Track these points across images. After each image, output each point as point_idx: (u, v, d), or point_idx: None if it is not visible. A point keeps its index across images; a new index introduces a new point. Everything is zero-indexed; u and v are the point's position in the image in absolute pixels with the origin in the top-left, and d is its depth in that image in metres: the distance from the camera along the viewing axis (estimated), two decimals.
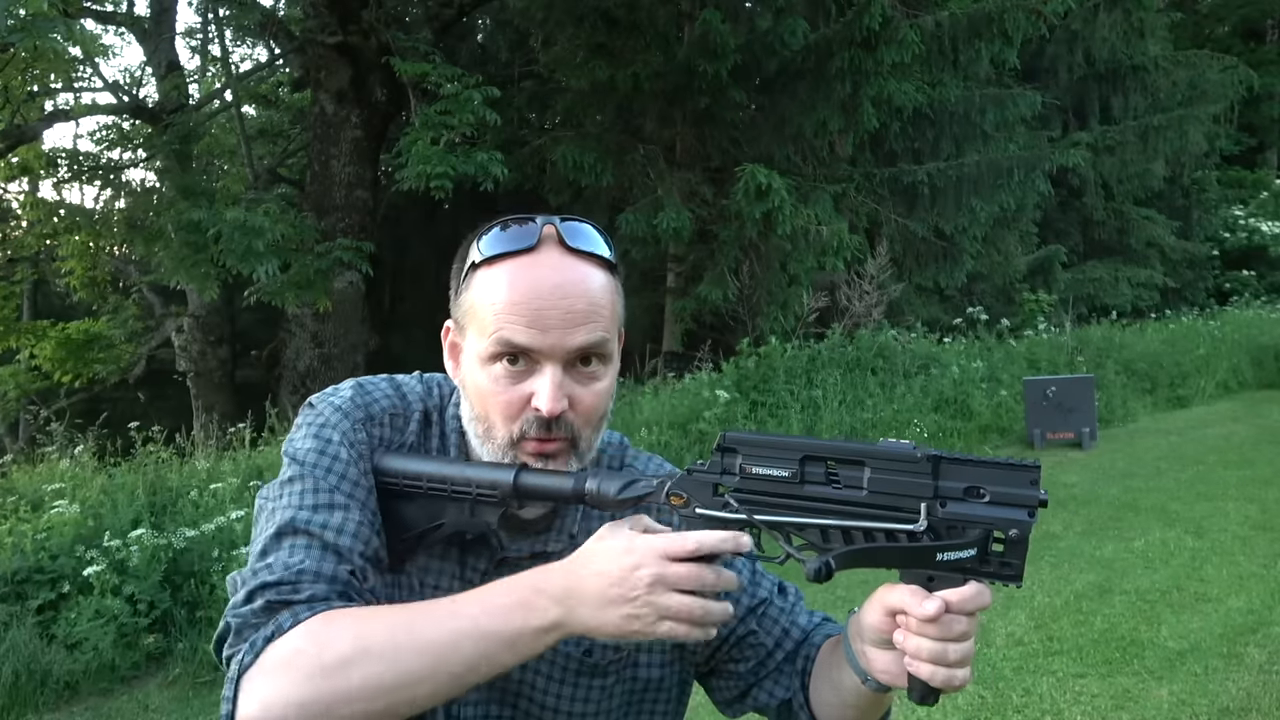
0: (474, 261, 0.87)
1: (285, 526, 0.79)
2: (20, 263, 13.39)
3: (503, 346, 0.81)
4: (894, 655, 0.79)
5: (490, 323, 0.82)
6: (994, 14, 9.02)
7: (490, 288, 0.83)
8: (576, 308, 0.81)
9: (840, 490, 0.76)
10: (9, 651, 3.79)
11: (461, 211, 17.41)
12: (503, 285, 0.82)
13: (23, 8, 5.38)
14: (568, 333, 0.81)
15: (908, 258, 10.95)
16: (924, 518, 0.73)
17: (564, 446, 0.84)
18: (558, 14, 9.21)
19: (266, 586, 0.75)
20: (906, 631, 0.77)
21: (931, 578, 0.75)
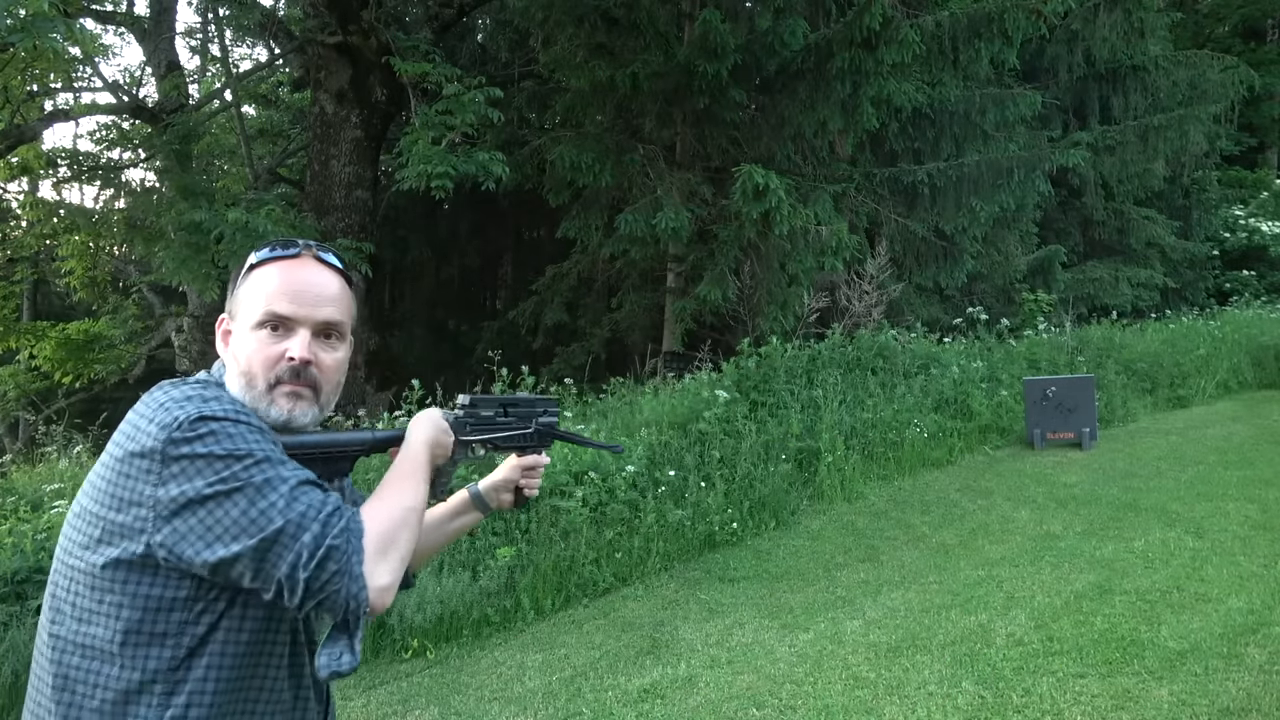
0: (251, 264, 1.20)
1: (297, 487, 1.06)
2: (20, 263, 13.41)
3: (269, 317, 1.16)
4: (508, 493, 1.54)
5: (261, 302, 1.16)
6: (994, 14, 9.02)
7: (263, 279, 1.18)
8: (324, 294, 1.20)
9: (508, 419, 1.46)
10: (9, 651, 3.80)
11: (461, 211, 17.45)
12: (274, 276, 1.18)
13: (23, 8, 5.38)
14: (316, 309, 1.18)
15: (908, 258, 10.95)
16: (534, 428, 1.49)
17: (310, 394, 1.19)
18: (558, 14, 9.20)
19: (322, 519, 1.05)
20: (534, 473, 1.53)
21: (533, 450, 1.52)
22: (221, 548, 1.01)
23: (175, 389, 1.12)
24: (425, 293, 19.28)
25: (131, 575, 1.04)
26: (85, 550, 1.06)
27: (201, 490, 1.02)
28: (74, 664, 1.06)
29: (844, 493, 6.40)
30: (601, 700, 3.53)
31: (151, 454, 1.03)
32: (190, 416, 1.05)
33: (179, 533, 1.02)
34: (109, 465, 1.07)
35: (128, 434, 1.07)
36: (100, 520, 1.05)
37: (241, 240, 7.41)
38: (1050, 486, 6.40)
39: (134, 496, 1.03)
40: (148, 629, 1.04)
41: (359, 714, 3.63)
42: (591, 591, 4.83)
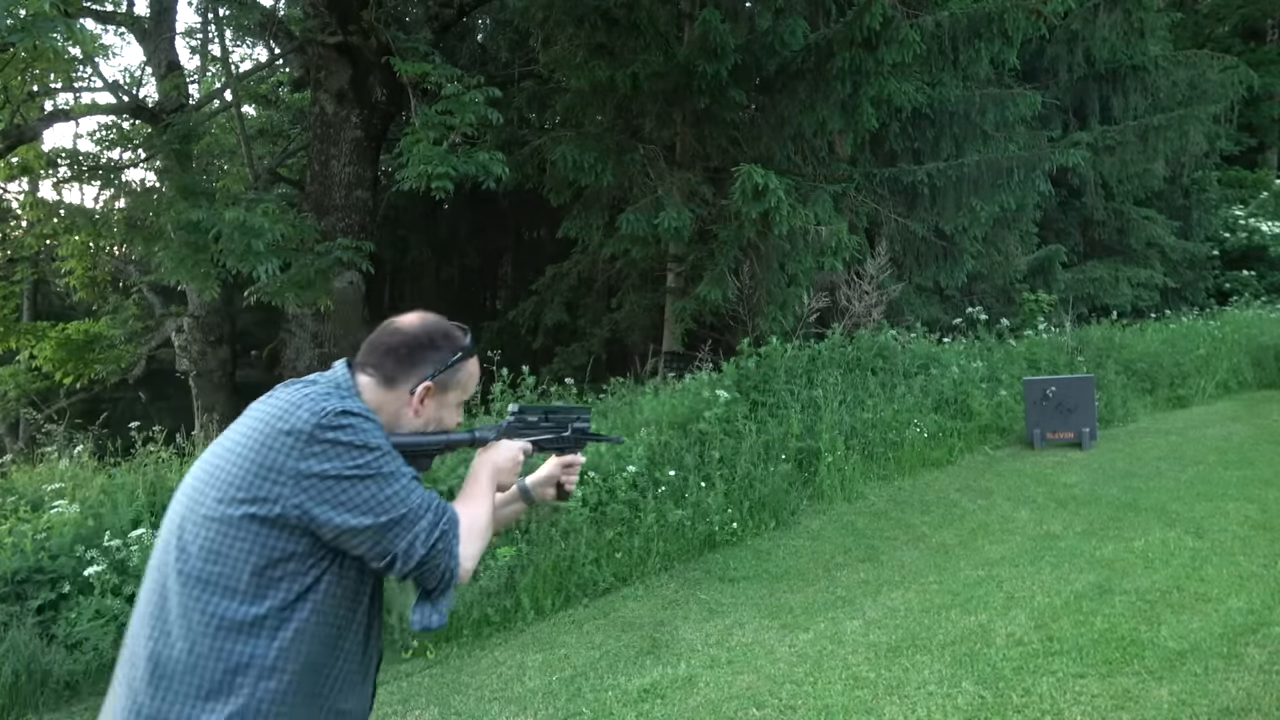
0: (464, 352, 1.54)
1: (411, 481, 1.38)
2: (20, 263, 13.40)
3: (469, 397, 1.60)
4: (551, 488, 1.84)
5: (468, 387, 1.57)
6: (994, 14, 9.02)
7: (469, 371, 1.57)
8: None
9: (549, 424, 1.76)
10: (9, 651, 3.80)
11: (461, 211, 17.45)
12: (473, 370, 1.58)
13: (23, 8, 5.38)
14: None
15: (908, 258, 10.95)
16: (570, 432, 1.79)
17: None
18: (558, 14, 9.20)
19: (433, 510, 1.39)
20: (571, 470, 1.83)
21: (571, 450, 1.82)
22: (352, 518, 1.30)
23: (319, 386, 1.40)
24: (425, 293, 19.28)
25: (263, 529, 1.29)
26: (220, 504, 1.30)
27: (341, 470, 1.29)
28: (195, 595, 1.29)
29: (844, 493, 6.40)
30: (601, 700, 3.53)
31: (299, 434, 1.30)
32: (336, 410, 1.33)
33: (315, 500, 1.29)
34: (253, 437, 1.32)
35: (277, 415, 1.33)
36: (241, 480, 1.30)
37: (240, 239, 7.40)
38: (1050, 486, 6.40)
39: (276, 465, 1.29)
40: (268, 573, 1.30)
41: None
42: (591, 591, 4.83)
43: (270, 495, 1.28)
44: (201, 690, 1.26)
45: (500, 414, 6.22)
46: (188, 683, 1.27)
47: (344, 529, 1.30)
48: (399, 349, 1.48)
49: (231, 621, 1.28)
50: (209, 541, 1.30)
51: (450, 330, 1.54)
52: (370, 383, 1.47)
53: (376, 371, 1.47)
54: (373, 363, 1.48)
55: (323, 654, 1.35)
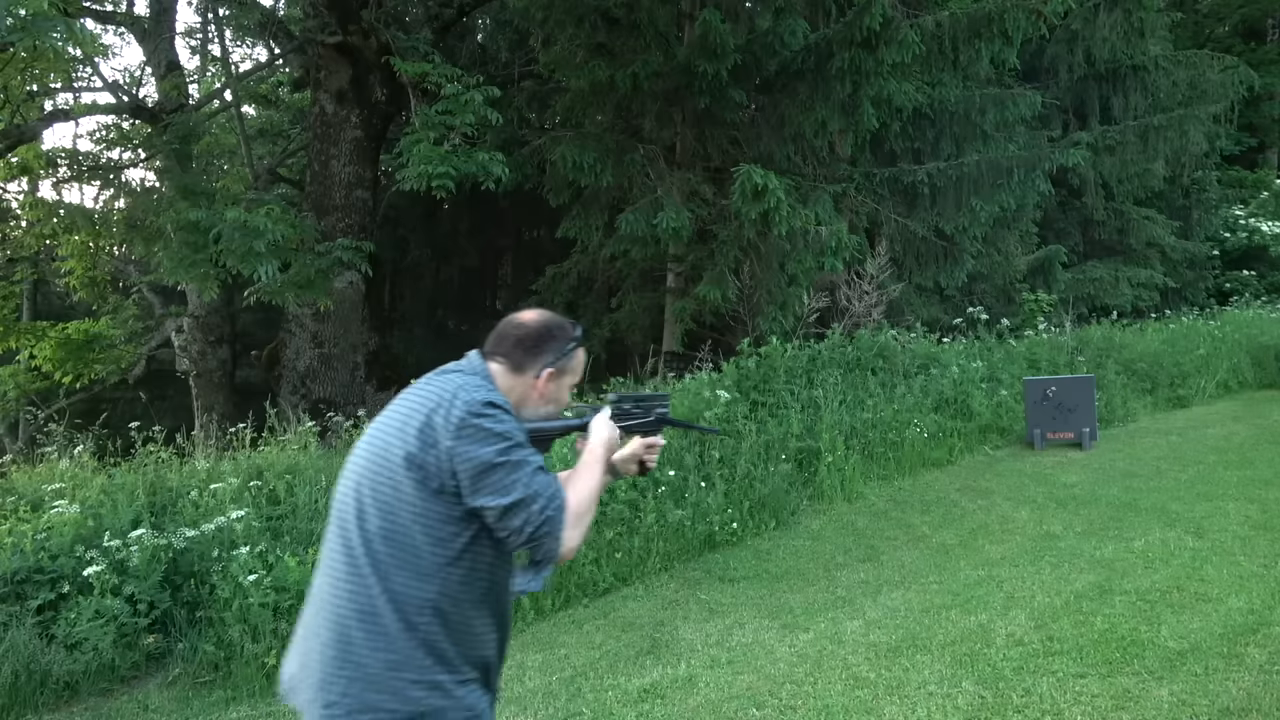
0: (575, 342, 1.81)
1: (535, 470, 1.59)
2: (20, 263, 13.39)
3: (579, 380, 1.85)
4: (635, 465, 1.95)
5: (578, 371, 1.83)
6: (994, 14, 9.02)
7: (580, 356, 1.83)
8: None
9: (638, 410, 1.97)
10: (9, 651, 3.79)
11: (461, 211, 17.45)
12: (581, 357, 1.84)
13: (23, 7, 5.38)
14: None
15: (908, 258, 10.95)
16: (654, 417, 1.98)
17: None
18: (558, 14, 9.21)
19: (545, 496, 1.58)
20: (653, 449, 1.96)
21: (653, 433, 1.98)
22: (484, 498, 1.56)
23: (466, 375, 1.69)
24: (425, 293, 19.29)
25: (428, 493, 1.56)
26: (395, 470, 1.58)
27: (479, 454, 1.55)
28: (378, 547, 1.57)
29: (844, 493, 6.40)
30: (601, 700, 3.53)
31: (454, 418, 1.57)
32: (484, 400, 1.60)
33: (459, 476, 1.56)
34: (418, 414, 1.61)
35: (436, 399, 1.61)
36: (410, 452, 1.57)
37: (240, 239, 7.40)
38: (1050, 486, 6.40)
39: (434, 439, 1.56)
40: (435, 531, 1.57)
41: None
42: (591, 591, 4.82)
43: (431, 465, 1.56)
44: (395, 623, 1.55)
45: None
46: (381, 620, 1.55)
47: (480, 506, 1.57)
48: (525, 340, 1.75)
49: (414, 571, 1.57)
50: (385, 507, 1.58)
51: (565, 324, 1.81)
52: (501, 369, 1.73)
53: (506, 360, 1.74)
54: (502, 352, 1.75)
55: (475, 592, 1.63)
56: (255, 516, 4.55)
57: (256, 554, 4.23)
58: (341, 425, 6.32)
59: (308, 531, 4.66)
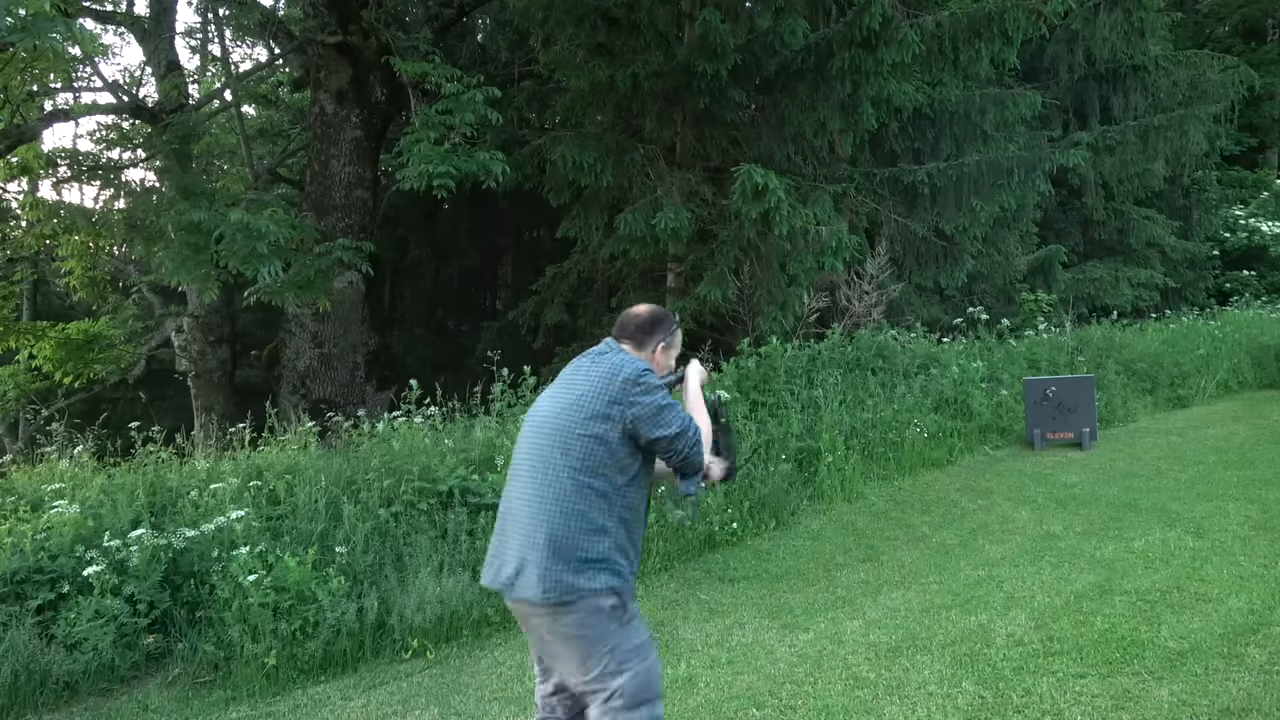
0: (675, 324, 2.62)
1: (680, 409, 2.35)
2: (20, 263, 13.38)
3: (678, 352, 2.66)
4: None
5: (678, 345, 2.63)
6: (994, 14, 9.01)
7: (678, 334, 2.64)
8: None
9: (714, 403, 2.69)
10: (9, 651, 3.79)
11: (461, 211, 17.45)
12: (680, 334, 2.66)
13: (23, 7, 5.37)
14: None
15: (908, 258, 10.95)
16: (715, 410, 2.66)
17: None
18: (558, 14, 9.20)
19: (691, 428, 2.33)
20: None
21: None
22: (658, 431, 2.28)
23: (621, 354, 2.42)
24: (425, 293, 19.28)
25: (612, 437, 2.27)
26: (589, 420, 2.28)
27: (650, 402, 2.29)
28: (581, 478, 2.25)
29: (844, 493, 6.40)
30: None
31: (628, 379, 2.30)
32: (642, 368, 2.35)
33: (640, 420, 2.27)
34: (603, 380, 2.32)
35: (614, 368, 2.33)
36: (599, 407, 2.28)
37: (242, 241, 7.40)
38: (1050, 486, 6.40)
39: (616, 397, 2.28)
40: (616, 463, 2.28)
41: (359, 714, 3.63)
42: None
43: (616, 415, 2.27)
44: (585, 531, 2.23)
45: (500, 413, 6.26)
46: (577, 529, 2.23)
47: (653, 438, 2.29)
48: (642, 326, 2.55)
49: (600, 491, 2.26)
50: (584, 444, 2.27)
51: (666, 313, 2.62)
52: (630, 347, 2.51)
53: (631, 341, 2.53)
54: (627, 335, 2.54)
55: (638, 506, 2.36)
56: (255, 516, 4.55)
57: (256, 554, 4.23)
58: (341, 425, 6.31)
59: (307, 531, 4.66)
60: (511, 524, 2.30)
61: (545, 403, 2.40)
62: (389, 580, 4.46)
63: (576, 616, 2.20)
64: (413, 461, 5.15)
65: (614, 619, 2.23)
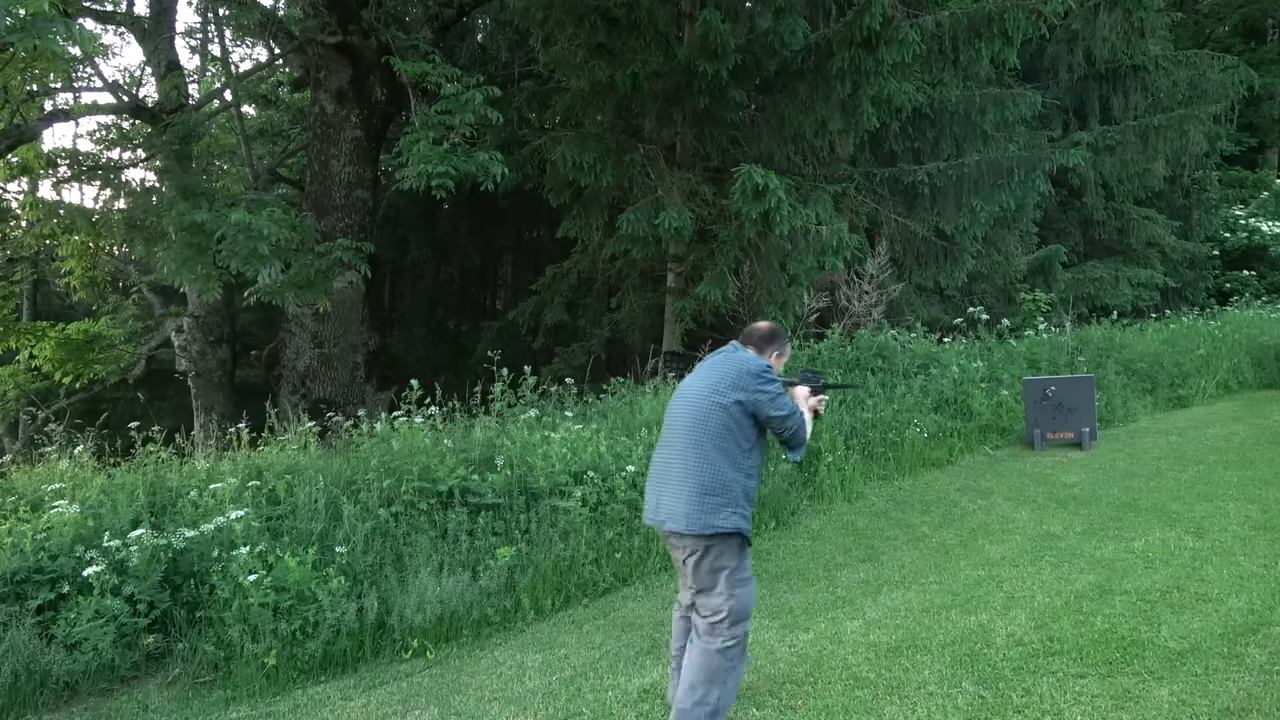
0: (788, 338, 3.36)
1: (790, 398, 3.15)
2: (20, 263, 13.39)
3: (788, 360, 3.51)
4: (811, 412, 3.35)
5: (788, 354, 3.36)
6: (994, 14, 9.02)
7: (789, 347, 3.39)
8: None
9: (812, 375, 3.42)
10: (9, 651, 3.79)
11: (461, 211, 17.45)
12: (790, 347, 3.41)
13: (23, 7, 5.37)
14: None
15: (908, 258, 10.95)
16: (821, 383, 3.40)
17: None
18: (558, 14, 9.20)
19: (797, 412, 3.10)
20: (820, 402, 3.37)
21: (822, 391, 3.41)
22: (774, 411, 3.00)
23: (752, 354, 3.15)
24: (425, 293, 19.28)
25: (742, 415, 2.99)
26: (722, 400, 2.97)
27: (770, 389, 3.01)
28: (717, 444, 2.96)
29: (844, 493, 6.40)
30: (601, 700, 3.53)
31: (754, 371, 3.03)
32: (765, 365, 3.09)
33: (760, 403, 2.99)
34: (735, 371, 3.03)
35: (743, 362, 3.06)
36: (730, 391, 2.98)
37: (244, 241, 7.39)
38: (1050, 486, 6.40)
39: (745, 385, 2.99)
40: (742, 434, 2.99)
41: (359, 714, 3.63)
42: (591, 591, 4.83)
43: (743, 398, 2.98)
44: (720, 484, 2.93)
45: (500, 413, 6.25)
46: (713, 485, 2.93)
47: (770, 416, 3.01)
48: (765, 337, 3.25)
49: (731, 456, 2.97)
50: (719, 418, 2.97)
51: (782, 330, 3.32)
52: (753, 350, 3.22)
53: (754, 347, 3.23)
54: (752, 342, 3.25)
55: (757, 468, 3.06)
56: (255, 516, 4.55)
57: (256, 554, 4.23)
58: (341, 425, 6.31)
59: (307, 531, 4.66)
60: (665, 476, 3.03)
61: (689, 386, 3.12)
62: (389, 580, 4.46)
63: (713, 548, 2.94)
64: (413, 461, 5.15)
65: (738, 553, 2.98)
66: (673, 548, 3.07)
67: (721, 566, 2.95)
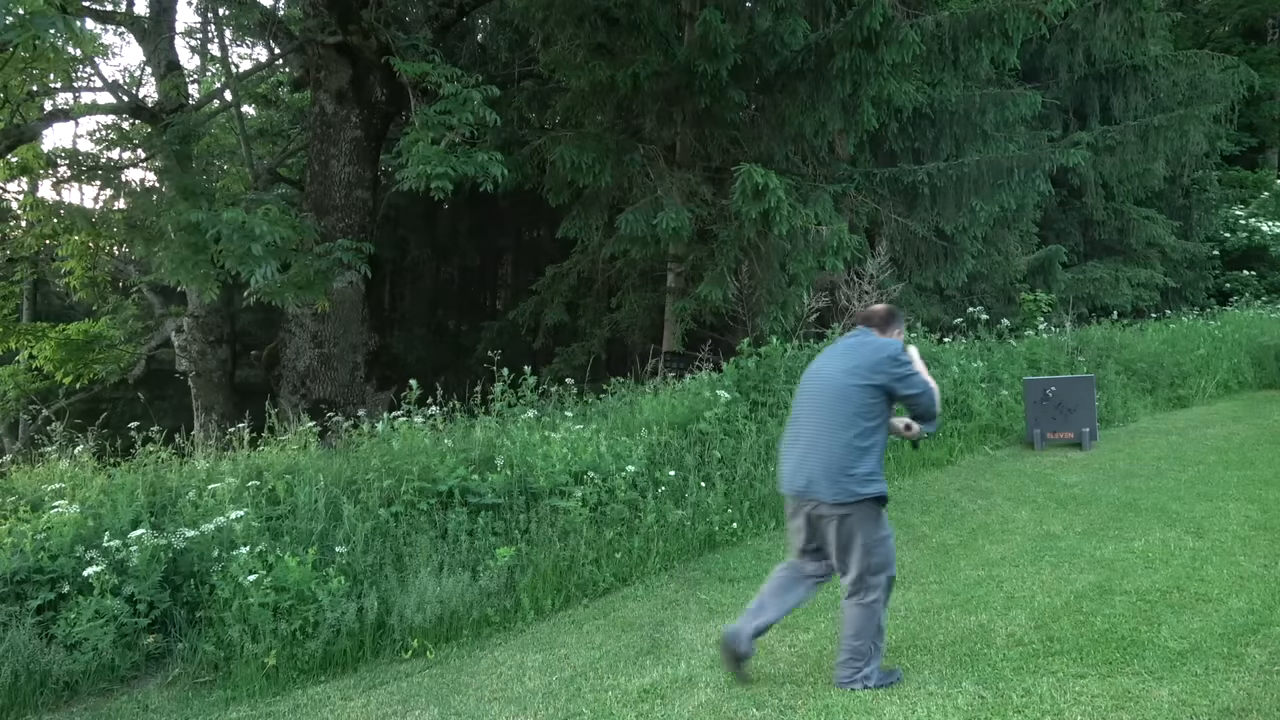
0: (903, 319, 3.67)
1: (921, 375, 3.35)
2: (20, 263, 13.38)
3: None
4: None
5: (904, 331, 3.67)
6: (994, 14, 9.02)
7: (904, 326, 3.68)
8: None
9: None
10: (8, 652, 3.79)
11: (461, 211, 17.45)
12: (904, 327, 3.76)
13: (21, 5, 5.37)
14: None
15: (908, 258, 10.95)
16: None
17: None
18: (558, 14, 9.20)
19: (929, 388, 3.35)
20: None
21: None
22: (908, 389, 3.27)
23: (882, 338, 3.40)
24: (425, 293, 19.28)
25: (876, 390, 3.25)
26: (861, 379, 3.24)
27: (905, 370, 3.27)
28: (856, 419, 3.23)
29: None
30: (601, 700, 3.53)
31: (890, 354, 3.28)
32: (900, 346, 3.34)
33: (897, 381, 3.26)
34: (873, 353, 3.29)
35: (880, 347, 3.31)
36: (869, 371, 3.25)
37: (239, 240, 7.39)
38: (1050, 486, 6.40)
39: (883, 366, 3.25)
40: (876, 409, 3.26)
41: (359, 714, 3.63)
42: (591, 591, 4.83)
43: (880, 378, 3.23)
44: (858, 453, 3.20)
45: (500, 413, 6.25)
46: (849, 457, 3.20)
47: (904, 393, 3.26)
48: (886, 318, 3.50)
49: (865, 428, 3.22)
50: (858, 395, 3.23)
51: (897, 310, 3.58)
52: (876, 332, 3.44)
53: (877, 329, 3.47)
54: (874, 325, 3.48)
55: (885, 440, 3.32)
56: (255, 516, 4.55)
57: (256, 554, 4.23)
58: (341, 425, 6.31)
59: (307, 531, 4.66)
60: (806, 447, 3.29)
61: (825, 366, 3.39)
62: (389, 580, 4.46)
63: (852, 515, 3.21)
64: (413, 461, 5.14)
65: (875, 517, 3.26)
66: (801, 515, 3.36)
67: (860, 529, 3.24)
